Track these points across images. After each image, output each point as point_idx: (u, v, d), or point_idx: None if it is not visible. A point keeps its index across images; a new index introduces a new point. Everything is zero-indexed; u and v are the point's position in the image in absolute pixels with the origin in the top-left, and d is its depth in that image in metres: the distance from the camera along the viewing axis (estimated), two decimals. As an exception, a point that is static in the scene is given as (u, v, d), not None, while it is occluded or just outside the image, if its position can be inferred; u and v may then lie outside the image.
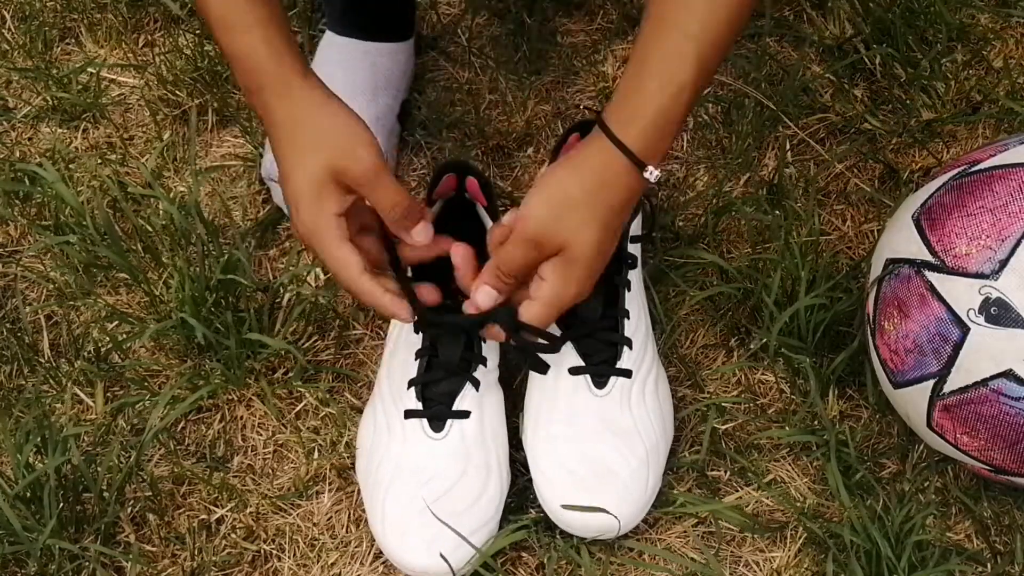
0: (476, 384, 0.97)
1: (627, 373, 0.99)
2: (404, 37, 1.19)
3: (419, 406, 0.96)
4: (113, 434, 1.02)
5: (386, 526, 0.94)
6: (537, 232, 0.85)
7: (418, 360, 0.98)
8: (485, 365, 0.98)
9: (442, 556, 0.91)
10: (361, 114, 1.13)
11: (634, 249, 1.02)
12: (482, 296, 0.89)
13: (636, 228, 1.02)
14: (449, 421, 0.96)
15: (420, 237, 0.89)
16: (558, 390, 0.99)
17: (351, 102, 1.14)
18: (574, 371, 0.99)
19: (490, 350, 0.99)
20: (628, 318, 1.00)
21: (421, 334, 0.98)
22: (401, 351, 0.99)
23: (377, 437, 0.98)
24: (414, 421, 0.96)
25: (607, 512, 0.93)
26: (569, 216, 0.85)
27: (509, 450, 0.99)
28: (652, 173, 0.85)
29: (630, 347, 0.99)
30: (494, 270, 0.88)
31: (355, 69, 1.16)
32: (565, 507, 0.94)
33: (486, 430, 0.97)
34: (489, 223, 1.02)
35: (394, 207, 0.88)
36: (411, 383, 0.97)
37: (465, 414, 0.96)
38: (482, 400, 0.97)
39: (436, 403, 0.97)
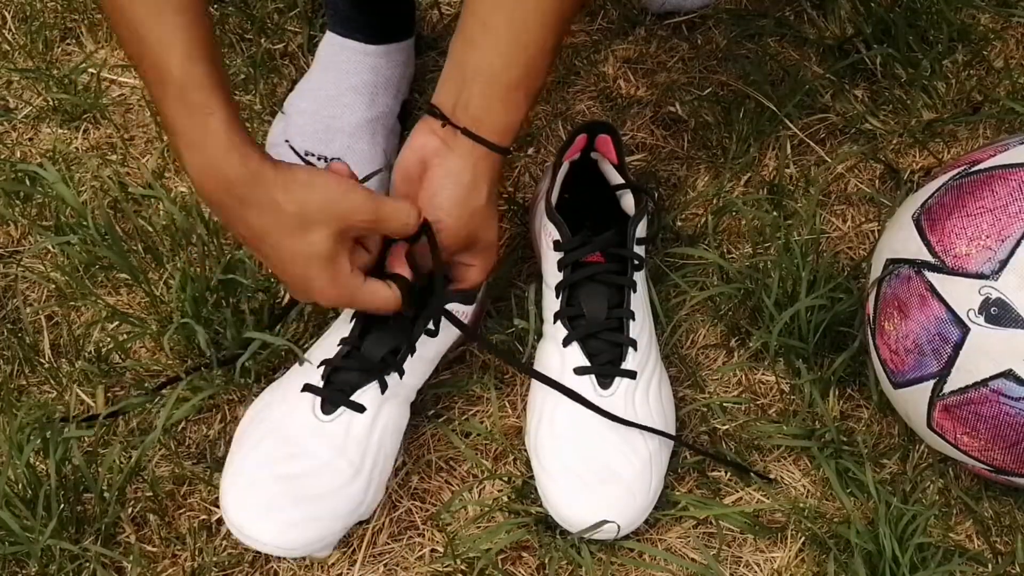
0: (383, 386, 0.96)
1: (632, 374, 0.99)
2: (405, 37, 1.19)
3: (319, 384, 0.96)
4: (114, 434, 1.02)
5: (234, 479, 0.94)
6: (454, 244, 0.93)
7: (340, 347, 0.97)
8: (400, 377, 0.97)
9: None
10: (361, 115, 1.15)
11: (639, 250, 1.02)
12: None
13: (642, 230, 1.02)
14: (342, 408, 0.95)
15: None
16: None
17: (351, 103, 1.15)
18: (579, 371, 0.99)
19: (412, 369, 0.98)
20: (633, 319, 1.00)
21: (353, 322, 0.97)
22: (332, 334, 0.99)
23: (271, 397, 0.98)
24: (308, 396, 0.96)
25: (609, 521, 0.93)
26: (473, 220, 0.93)
27: (393, 471, 0.98)
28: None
29: (635, 348, 0.99)
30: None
31: (356, 71, 1.16)
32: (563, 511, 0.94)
33: (374, 434, 0.96)
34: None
35: (406, 225, 0.90)
36: (323, 363, 0.97)
37: (360, 407, 0.95)
38: (383, 405, 0.96)
39: (337, 388, 0.96)
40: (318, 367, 0.97)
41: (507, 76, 0.89)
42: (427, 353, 0.99)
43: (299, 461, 0.94)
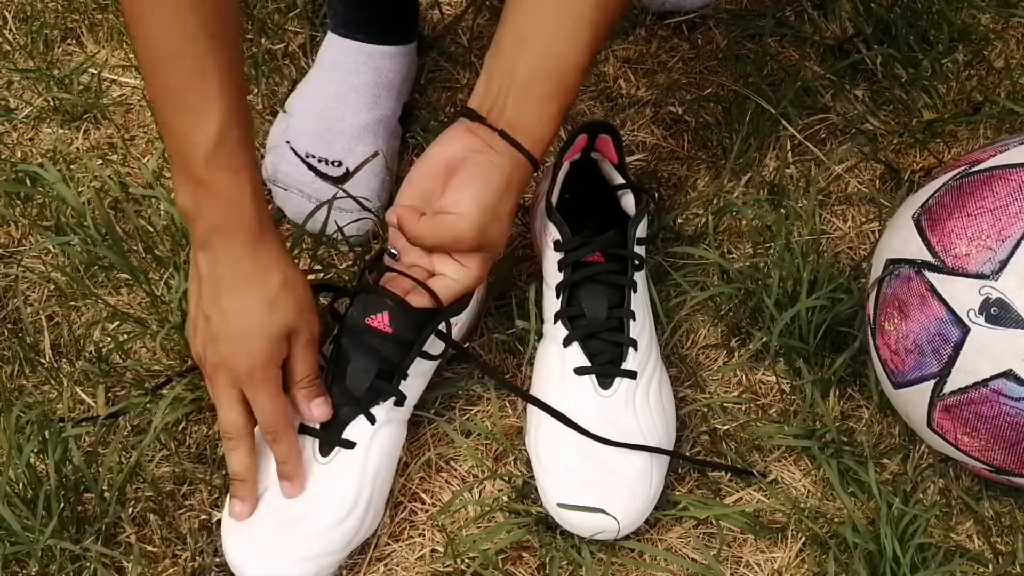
0: (371, 419, 0.95)
1: (632, 374, 0.99)
2: (407, 40, 1.19)
3: (316, 425, 0.96)
4: (114, 434, 1.02)
5: (237, 529, 0.94)
6: (473, 238, 0.91)
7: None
8: (396, 402, 0.96)
9: None
10: (363, 118, 1.15)
11: (640, 251, 1.02)
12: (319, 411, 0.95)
13: (643, 230, 1.02)
14: (336, 448, 0.95)
15: (318, 412, 0.95)
16: (563, 390, 0.99)
17: (353, 105, 1.15)
18: (580, 371, 0.99)
19: (409, 388, 0.97)
20: (634, 319, 1.00)
21: (331, 347, 0.98)
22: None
23: None
24: (306, 438, 0.95)
25: (606, 513, 0.93)
26: (496, 223, 0.92)
27: (390, 493, 0.98)
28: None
29: (635, 348, 0.99)
30: (411, 224, 0.92)
31: (358, 72, 1.16)
32: (561, 506, 0.94)
33: (368, 466, 0.95)
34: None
35: (307, 377, 0.95)
36: None
37: (351, 444, 0.95)
38: (375, 436, 0.96)
39: (330, 428, 0.96)
40: None
41: (541, 88, 0.89)
42: (421, 368, 0.98)
43: (299, 505, 0.94)
